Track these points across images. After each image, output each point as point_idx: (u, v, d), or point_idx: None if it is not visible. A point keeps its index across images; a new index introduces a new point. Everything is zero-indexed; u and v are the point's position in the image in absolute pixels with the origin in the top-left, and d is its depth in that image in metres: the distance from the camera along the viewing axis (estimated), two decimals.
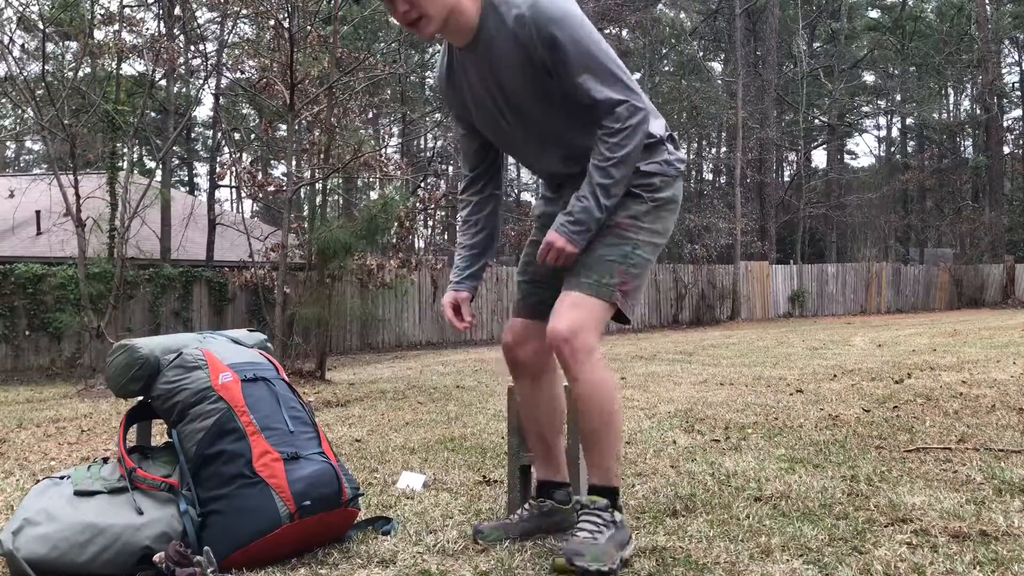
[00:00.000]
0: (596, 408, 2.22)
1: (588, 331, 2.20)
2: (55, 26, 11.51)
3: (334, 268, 8.81)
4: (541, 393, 2.49)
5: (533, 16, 2.06)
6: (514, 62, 2.13)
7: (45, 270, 12.41)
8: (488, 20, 2.12)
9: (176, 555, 2.11)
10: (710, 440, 3.93)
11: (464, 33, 2.14)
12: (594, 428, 2.23)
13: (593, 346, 2.20)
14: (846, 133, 36.61)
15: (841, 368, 7.12)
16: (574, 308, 2.21)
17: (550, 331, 2.21)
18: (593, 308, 2.22)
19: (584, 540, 2.10)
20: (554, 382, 2.51)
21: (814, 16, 32.86)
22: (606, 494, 2.22)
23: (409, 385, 7.55)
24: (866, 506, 2.64)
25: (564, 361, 2.20)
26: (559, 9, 2.07)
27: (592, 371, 2.20)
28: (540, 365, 2.48)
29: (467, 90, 2.27)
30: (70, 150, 9.89)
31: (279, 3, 8.83)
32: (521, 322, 2.47)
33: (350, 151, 9.29)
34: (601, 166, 2.13)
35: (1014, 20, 33.17)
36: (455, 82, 2.29)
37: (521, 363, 2.47)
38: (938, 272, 25.45)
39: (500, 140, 2.39)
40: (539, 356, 2.46)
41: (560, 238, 2.18)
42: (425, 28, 2.08)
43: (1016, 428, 3.92)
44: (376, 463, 3.70)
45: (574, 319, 2.19)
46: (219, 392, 2.40)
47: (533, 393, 2.49)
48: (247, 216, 19.31)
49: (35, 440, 4.97)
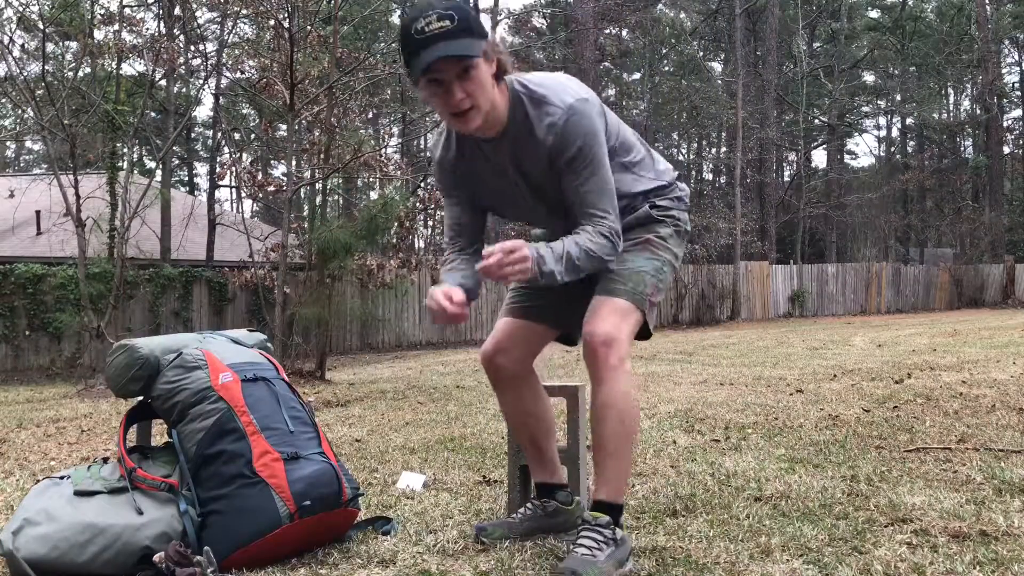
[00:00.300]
0: (616, 418, 2.18)
1: (624, 339, 2.21)
2: (55, 26, 11.51)
3: (334, 268, 8.81)
4: (525, 401, 2.48)
5: (564, 128, 2.13)
6: (539, 156, 2.19)
7: (45, 270, 12.42)
8: (516, 115, 2.17)
9: (176, 555, 2.11)
10: (710, 440, 3.93)
11: (496, 126, 2.17)
12: (611, 438, 2.19)
13: (626, 356, 2.21)
14: (846, 133, 36.62)
15: (841, 368, 7.12)
16: (614, 313, 2.21)
17: (590, 331, 2.19)
18: (629, 316, 2.24)
19: (583, 557, 2.08)
20: (536, 386, 2.51)
21: (814, 16, 32.86)
22: (610, 511, 2.18)
23: (409, 385, 7.55)
24: (866, 506, 2.64)
25: (598, 363, 2.18)
26: (590, 125, 2.15)
27: (622, 381, 2.18)
28: (522, 373, 2.47)
29: (484, 170, 2.29)
30: (70, 150, 9.89)
31: (279, 3, 8.83)
32: (508, 324, 2.46)
33: (350, 151, 9.29)
34: (582, 245, 2.15)
35: (1014, 20, 33.18)
36: (466, 162, 2.30)
37: (502, 372, 2.45)
38: (938, 272, 25.45)
39: (507, 209, 2.46)
40: (520, 364, 2.46)
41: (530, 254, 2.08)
42: (473, 120, 2.08)
43: (1016, 428, 3.92)
44: (376, 463, 3.70)
45: (615, 324, 2.20)
46: (219, 392, 2.40)
47: (518, 402, 2.49)
48: (247, 216, 19.31)
49: (35, 440, 4.97)
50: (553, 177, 2.21)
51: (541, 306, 2.45)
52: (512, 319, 2.47)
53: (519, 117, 2.17)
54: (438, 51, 1.98)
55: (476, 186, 2.34)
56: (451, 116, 2.09)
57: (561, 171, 2.18)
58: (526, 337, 2.45)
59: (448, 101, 2.05)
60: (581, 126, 2.13)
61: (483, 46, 2.05)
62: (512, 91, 2.17)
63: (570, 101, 2.13)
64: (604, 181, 2.19)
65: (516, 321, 2.46)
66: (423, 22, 2.00)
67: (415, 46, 2.01)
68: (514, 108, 2.17)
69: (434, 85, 2.05)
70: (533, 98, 2.16)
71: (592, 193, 2.18)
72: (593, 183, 2.17)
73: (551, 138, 2.14)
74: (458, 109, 2.06)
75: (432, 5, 2.02)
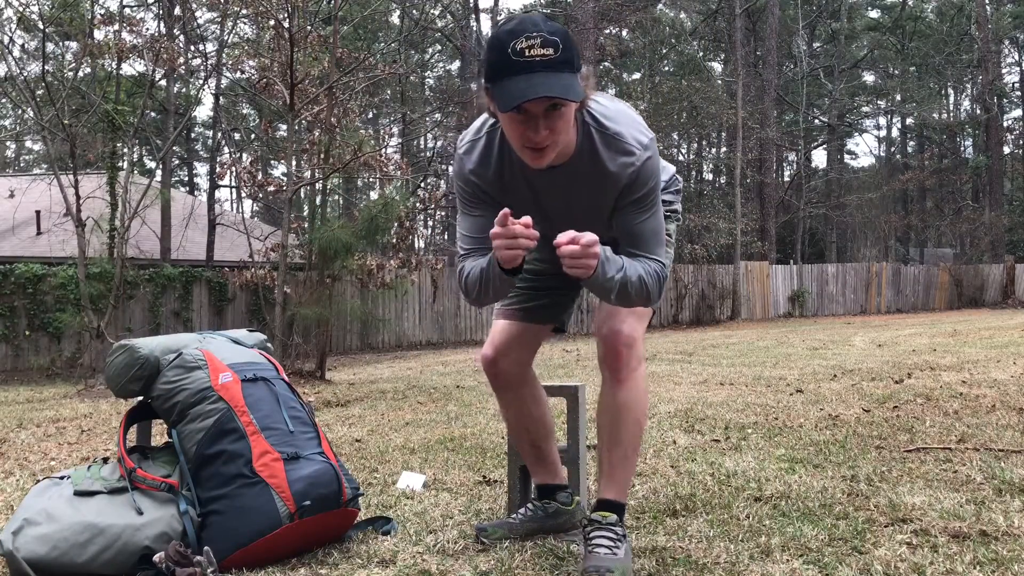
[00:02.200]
0: (633, 419, 2.20)
1: (641, 340, 2.21)
2: (55, 26, 11.52)
3: (335, 268, 8.81)
4: (525, 403, 2.45)
5: (641, 170, 2.03)
6: (599, 193, 2.08)
7: (45, 270, 12.42)
8: (583, 148, 2.04)
9: (176, 555, 2.11)
10: (710, 440, 3.93)
11: (562, 157, 2.03)
12: (626, 440, 2.20)
13: (643, 356, 2.22)
14: (846, 133, 36.63)
15: (841, 368, 7.12)
16: (632, 314, 2.20)
17: (613, 332, 2.18)
18: (643, 316, 2.23)
19: (606, 557, 2.08)
20: (537, 387, 2.48)
21: (814, 16, 32.88)
22: (617, 510, 2.19)
23: (409, 385, 7.55)
24: (866, 506, 2.64)
25: (619, 364, 2.17)
26: (658, 165, 2.10)
27: (640, 382, 2.20)
28: (522, 375, 2.43)
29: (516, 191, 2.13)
30: (70, 150, 9.89)
31: (279, 3, 8.83)
32: (507, 327, 2.39)
33: (350, 151, 9.29)
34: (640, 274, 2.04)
35: (1014, 20, 33.18)
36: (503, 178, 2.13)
37: (504, 376, 2.41)
38: (938, 272, 25.45)
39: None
40: (521, 366, 2.43)
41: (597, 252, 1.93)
42: (547, 157, 1.95)
43: (1016, 428, 3.92)
44: (376, 463, 3.70)
45: (635, 327, 2.19)
46: (219, 392, 2.40)
47: (519, 404, 2.45)
48: (247, 216, 19.32)
49: (35, 440, 4.97)
50: (596, 212, 2.11)
51: (539, 306, 2.42)
52: (510, 322, 2.41)
53: (586, 152, 2.04)
54: (539, 86, 1.82)
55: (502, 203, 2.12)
56: (524, 148, 1.94)
57: (622, 208, 2.08)
58: (526, 338, 2.42)
59: (527, 135, 1.90)
60: (654, 168, 2.07)
61: (581, 85, 1.89)
62: (582, 123, 2.03)
63: (645, 141, 2.04)
64: (660, 221, 2.13)
65: (515, 324, 2.41)
66: (525, 43, 1.83)
67: (512, 69, 1.83)
68: (582, 142, 2.04)
69: (517, 113, 1.89)
70: (605, 135, 2.03)
71: (649, 233, 2.10)
72: (652, 222, 2.10)
73: (624, 180, 2.04)
74: (537, 146, 1.92)
75: (537, 25, 1.86)
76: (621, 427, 2.19)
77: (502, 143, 2.08)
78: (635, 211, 2.08)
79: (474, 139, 2.14)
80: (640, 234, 2.09)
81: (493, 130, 2.10)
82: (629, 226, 2.10)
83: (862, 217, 32.66)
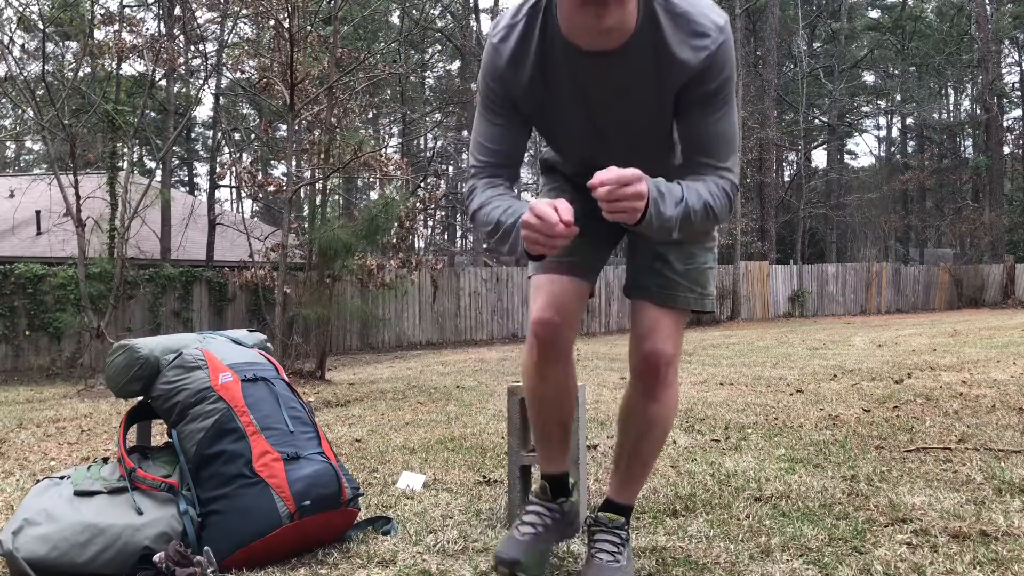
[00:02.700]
0: (661, 432, 2.12)
1: (679, 354, 2.09)
2: (55, 26, 11.53)
3: (335, 268, 8.82)
4: (568, 376, 2.12)
5: (717, 53, 1.76)
6: (664, 83, 1.81)
7: (45, 270, 12.43)
8: (645, 29, 1.75)
9: (176, 555, 2.11)
10: (710, 440, 3.93)
11: (619, 36, 1.74)
12: (649, 451, 2.14)
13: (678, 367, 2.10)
14: (846, 133, 36.63)
15: (841, 368, 7.12)
16: (676, 330, 2.06)
17: (655, 351, 2.02)
18: (683, 323, 2.08)
19: (608, 565, 2.02)
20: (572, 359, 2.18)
21: (814, 16, 32.88)
22: (625, 513, 2.16)
23: (409, 385, 7.55)
24: (866, 506, 2.64)
25: (657, 381, 2.03)
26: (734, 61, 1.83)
27: (674, 395, 2.09)
28: (572, 341, 2.10)
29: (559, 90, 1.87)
30: (70, 150, 9.89)
31: (279, 3, 8.83)
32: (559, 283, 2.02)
33: (350, 151, 9.29)
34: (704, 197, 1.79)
35: (1014, 20, 33.17)
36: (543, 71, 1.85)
37: (563, 343, 2.04)
38: (938, 272, 25.45)
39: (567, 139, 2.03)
40: (574, 330, 2.08)
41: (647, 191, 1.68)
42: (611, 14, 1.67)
43: (1016, 428, 3.92)
44: (376, 463, 3.70)
45: (676, 342, 2.05)
46: (219, 392, 2.40)
47: (564, 378, 2.10)
48: (247, 216, 19.31)
49: (35, 440, 4.97)
50: (657, 115, 1.86)
51: (580, 261, 2.06)
52: (559, 276, 2.03)
53: (647, 33, 1.75)
54: None
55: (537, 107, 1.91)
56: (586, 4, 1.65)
57: (691, 105, 1.81)
58: (578, 296, 2.06)
59: None
60: (731, 53, 1.78)
61: None
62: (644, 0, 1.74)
63: (720, 22, 1.76)
64: (734, 123, 1.84)
65: (564, 279, 2.03)
66: None
67: None
68: (643, 22, 1.74)
69: None
70: (674, 13, 1.75)
71: (721, 136, 1.82)
72: (726, 123, 1.82)
73: (698, 64, 1.75)
74: None
75: None
76: (647, 440, 2.10)
77: (544, 23, 1.81)
78: (706, 108, 1.80)
79: (511, 23, 1.84)
80: (711, 137, 1.82)
81: (534, 10, 1.83)
82: (697, 127, 1.83)
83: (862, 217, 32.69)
